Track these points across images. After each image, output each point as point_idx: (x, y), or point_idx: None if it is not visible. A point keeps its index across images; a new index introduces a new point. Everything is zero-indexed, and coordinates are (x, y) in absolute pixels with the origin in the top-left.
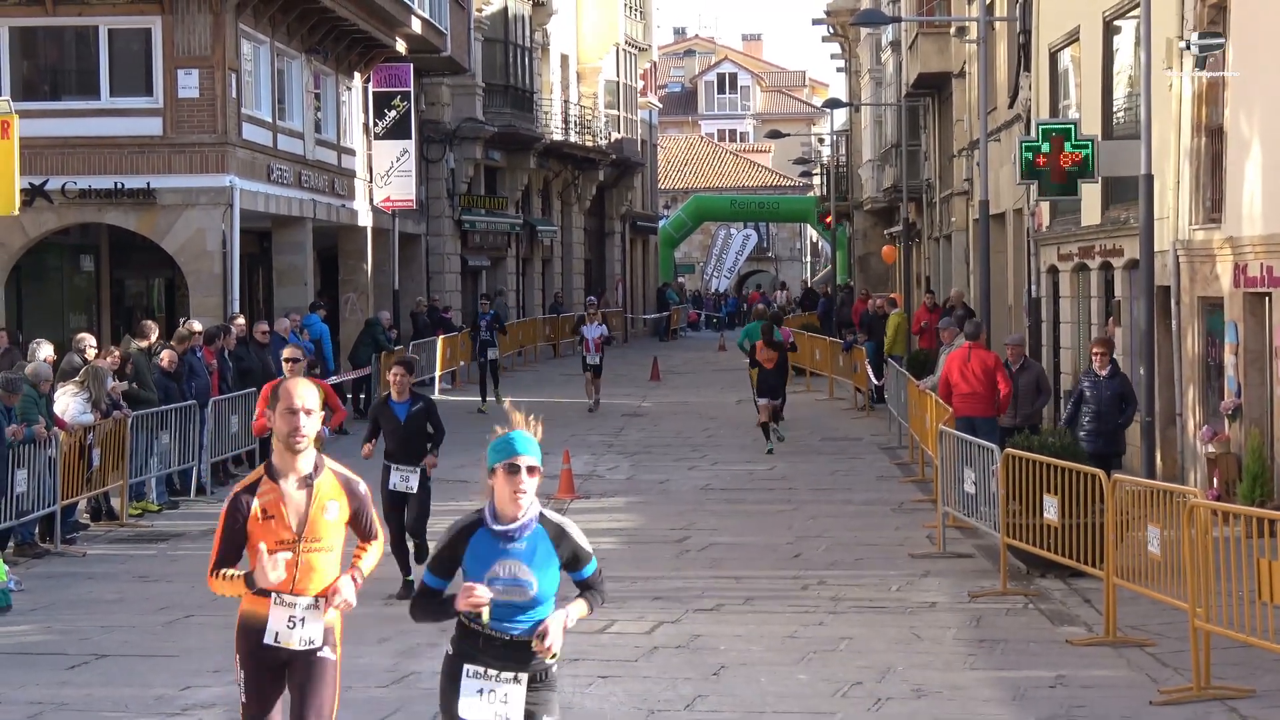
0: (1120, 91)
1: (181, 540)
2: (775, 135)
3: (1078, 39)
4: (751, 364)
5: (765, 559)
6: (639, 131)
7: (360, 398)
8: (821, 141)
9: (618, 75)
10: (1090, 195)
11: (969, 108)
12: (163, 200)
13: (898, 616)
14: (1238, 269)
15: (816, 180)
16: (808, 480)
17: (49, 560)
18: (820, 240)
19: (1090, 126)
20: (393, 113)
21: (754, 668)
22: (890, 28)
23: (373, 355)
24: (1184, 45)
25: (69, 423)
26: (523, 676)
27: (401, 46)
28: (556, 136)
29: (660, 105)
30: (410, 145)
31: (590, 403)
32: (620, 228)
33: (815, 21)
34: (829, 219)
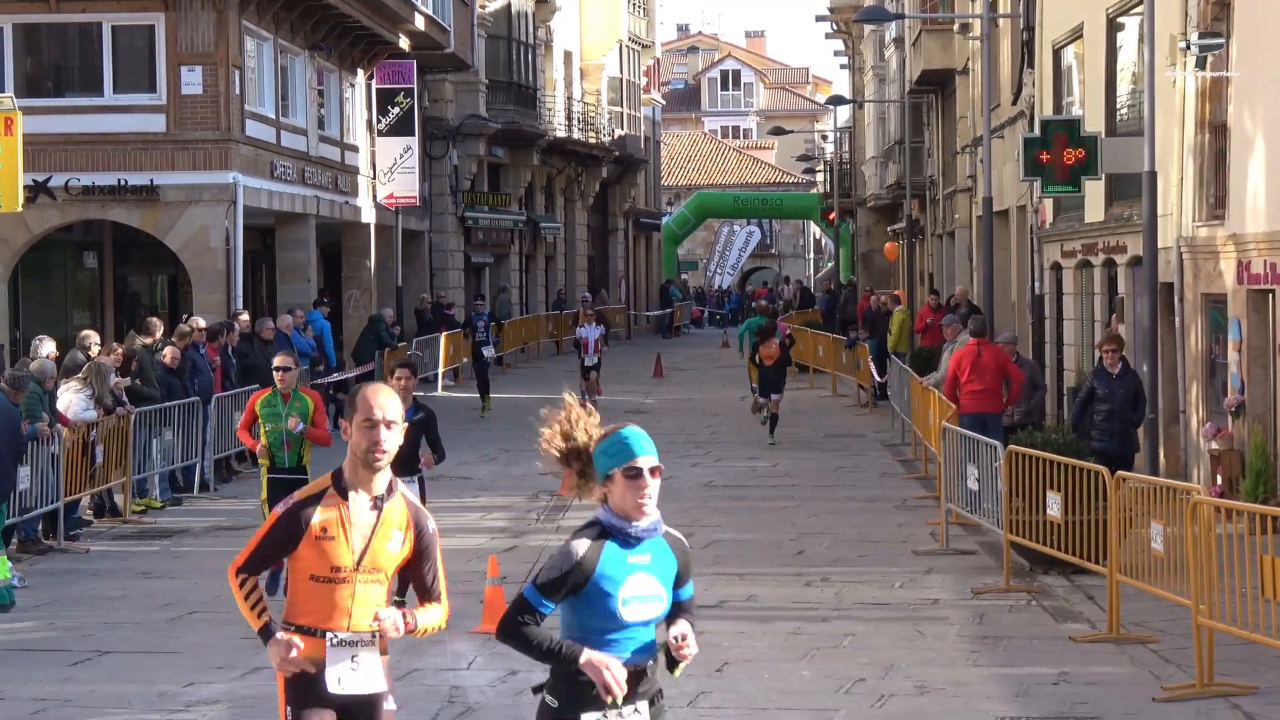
0: (1124, 88)
1: (184, 537)
2: (778, 132)
3: (1081, 35)
4: (752, 359)
5: (768, 556)
6: (642, 128)
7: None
8: (825, 138)
9: (621, 72)
10: (1093, 192)
11: (972, 104)
12: (166, 197)
13: (901, 613)
14: (1241, 266)
15: (820, 177)
16: (811, 477)
17: (52, 557)
18: (823, 237)
19: (1094, 123)
20: (396, 109)
21: (757, 664)
22: (893, 24)
23: (376, 352)
24: (1184, 45)
25: (72, 419)
26: (643, 705)
27: (405, 43)
28: (560, 133)
29: (663, 102)
30: (413, 142)
31: (587, 406)
32: (623, 224)
33: (819, 18)
34: (832, 216)
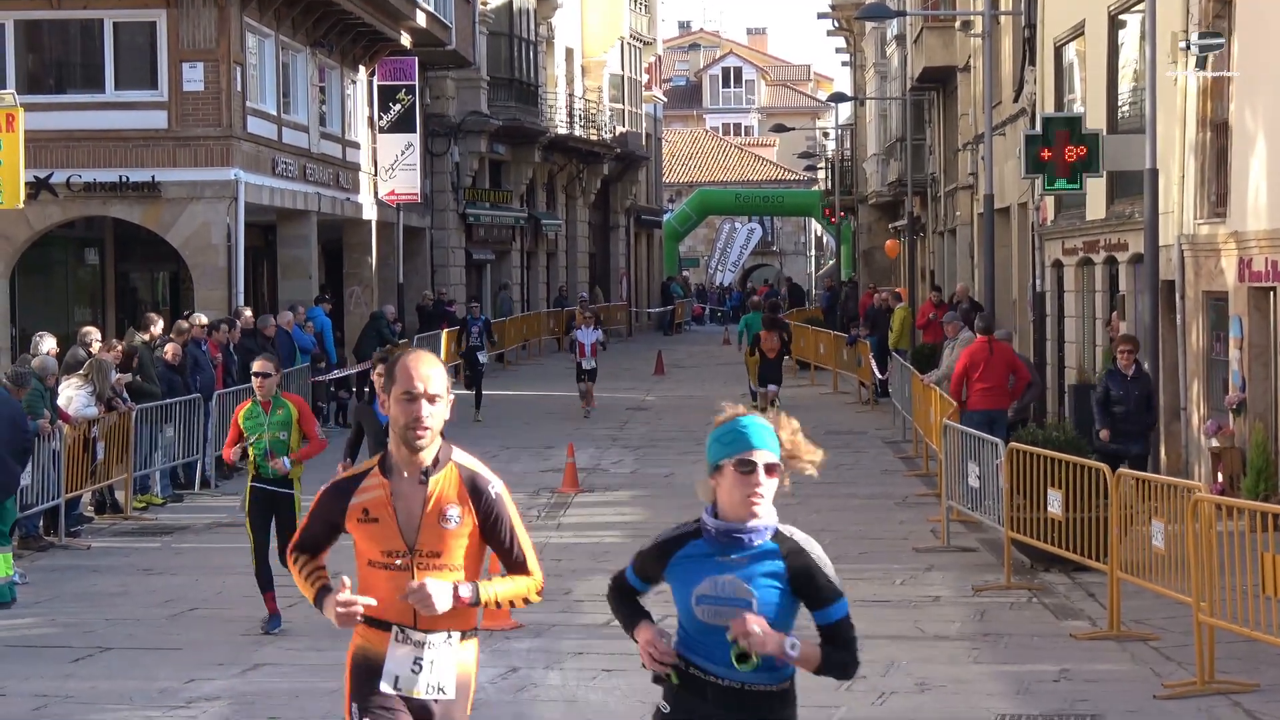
0: (1125, 85)
1: (186, 533)
2: (780, 129)
3: (1083, 33)
4: (752, 352)
5: None
6: (643, 125)
7: (364, 391)
8: (826, 135)
9: (622, 69)
10: (1095, 189)
11: (974, 101)
12: (167, 193)
13: (901, 610)
14: (1242, 263)
15: (821, 174)
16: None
17: (53, 553)
18: (824, 234)
19: (1095, 120)
20: (397, 106)
21: None
22: (895, 21)
23: (377, 348)
24: (1184, 45)
25: (73, 416)
26: None
27: (406, 40)
28: (561, 130)
29: (665, 99)
30: (415, 139)
31: (583, 411)
32: (625, 221)
33: (820, 15)
34: (833, 213)
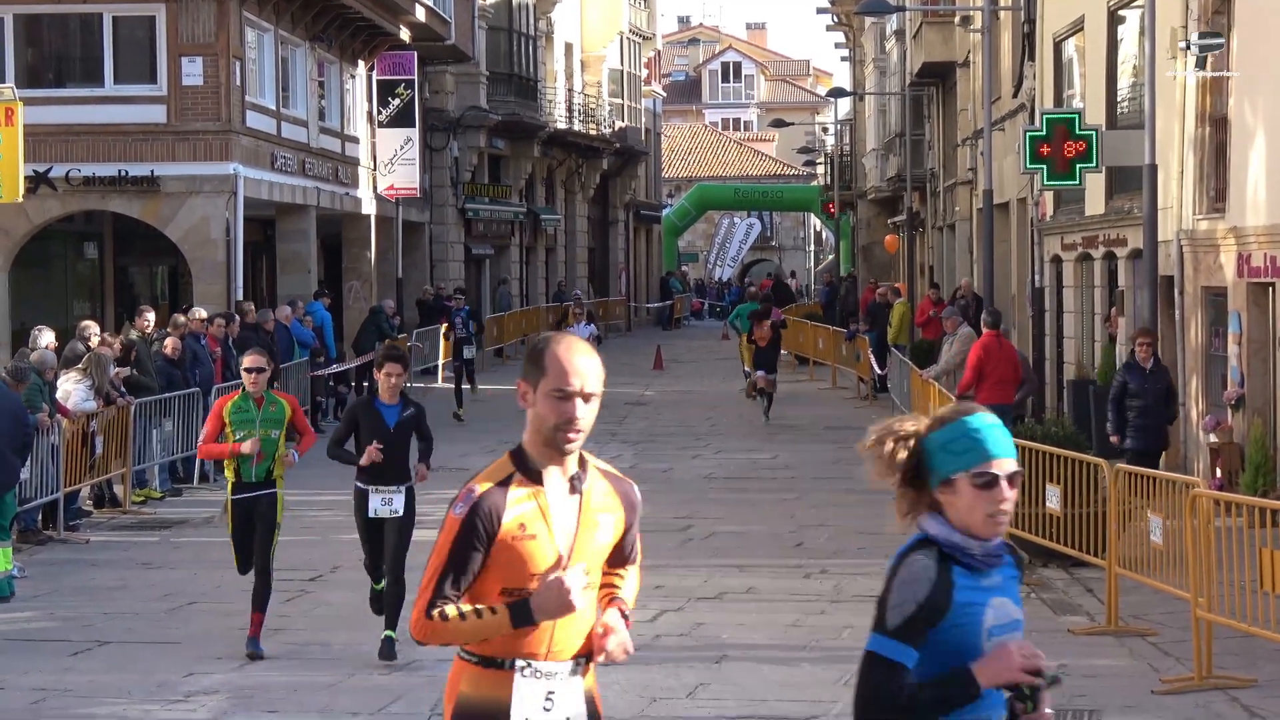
0: (1124, 81)
1: (184, 528)
2: (779, 124)
3: (1082, 28)
4: (749, 340)
5: (768, 548)
6: (643, 120)
7: (364, 386)
8: (825, 130)
9: (621, 64)
10: (1094, 185)
11: (973, 97)
12: (167, 188)
13: None
14: (1241, 259)
15: (820, 169)
16: (810, 469)
17: (52, 547)
18: (824, 229)
19: (1094, 116)
20: (396, 101)
21: (757, 656)
22: (894, 17)
23: (376, 343)
24: (1184, 45)
25: (72, 410)
26: None
27: (405, 34)
28: (560, 125)
29: (664, 94)
30: (414, 133)
31: None
32: (624, 216)
33: (819, 10)
34: (832, 208)
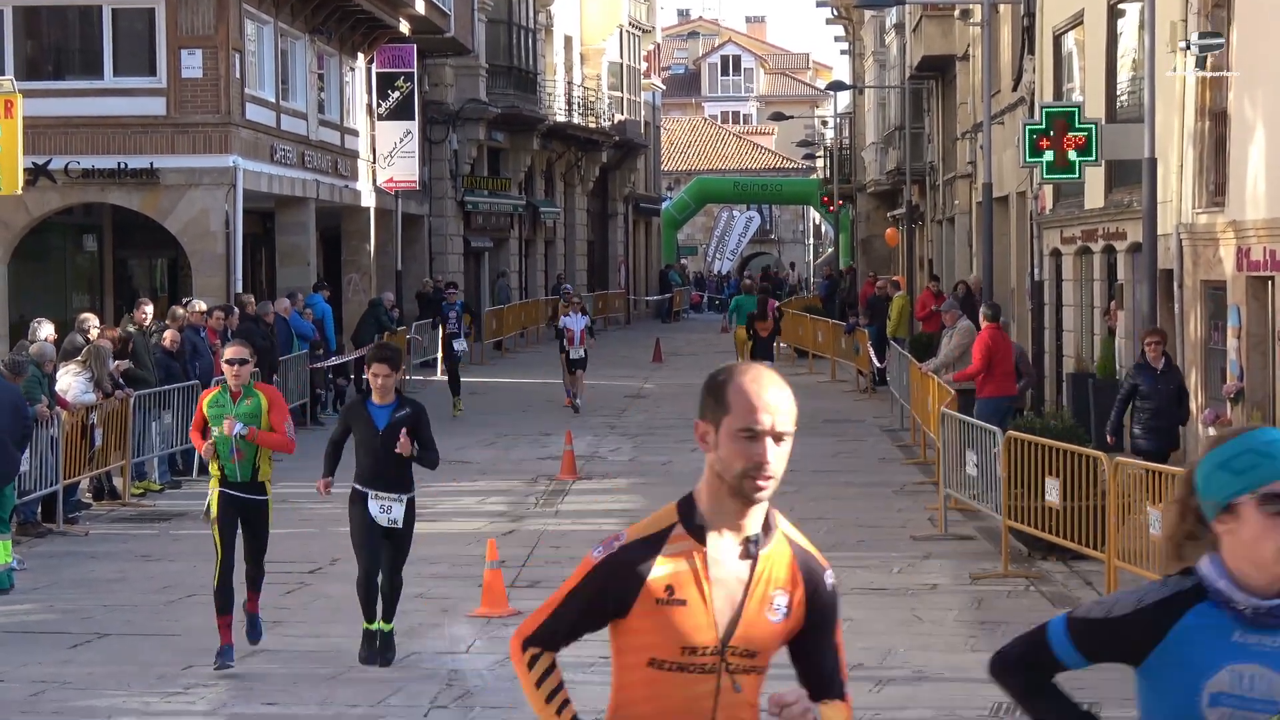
0: (1124, 75)
1: (183, 520)
2: (778, 117)
3: (1082, 22)
4: (747, 331)
5: None
6: (642, 113)
7: (363, 379)
8: (825, 124)
9: (621, 57)
10: (1093, 178)
11: (973, 90)
12: (166, 180)
13: (899, 598)
14: (1240, 252)
15: (819, 163)
16: (809, 462)
17: (51, 539)
18: (823, 223)
19: (1094, 110)
20: (396, 93)
21: None
22: (894, 10)
23: (375, 336)
24: (1184, 45)
25: (71, 402)
26: None
27: (405, 27)
28: (560, 118)
29: (663, 87)
30: (413, 126)
31: (577, 402)
32: (623, 209)
33: (819, 4)
34: (832, 201)
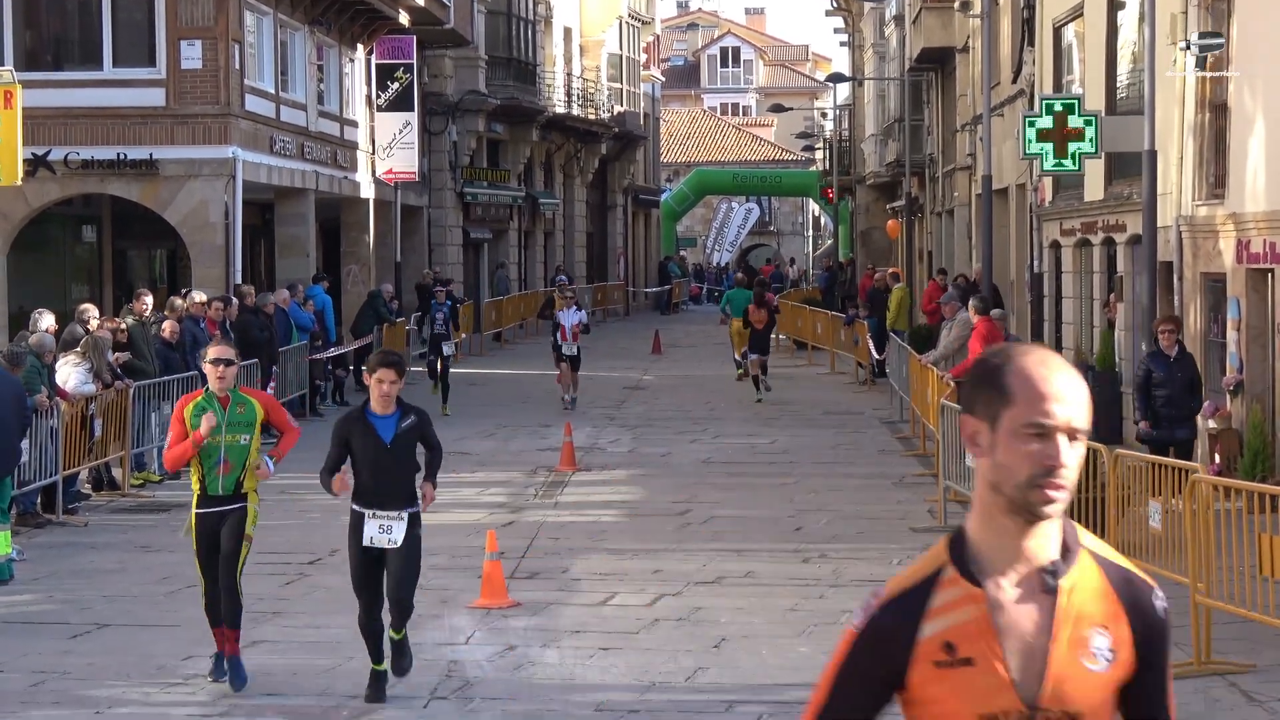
0: (1124, 67)
1: (183, 511)
2: (778, 109)
3: (1081, 14)
4: (744, 324)
5: (766, 532)
6: (641, 105)
7: (362, 369)
8: (824, 116)
9: (620, 48)
10: (1093, 171)
11: (972, 82)
12: (165, 171)
13: None
14: (1240, 245)
15: (819, 154)
16: (809, 454)
17: (51, 530)
18: (822, 214)
19: (1094, 102)
20: (395, 85)
21: (755, 640)
22: (894, 2)
23: (374, 326)
24: (1184, 45)
25: (71, 393)
26: None
27: (404, 18)
28: (559, 109)
29: (663, 79)
30: (413, 117)
31: (566, 399)
32: (622, 201)
33: None
34: (831, 193)
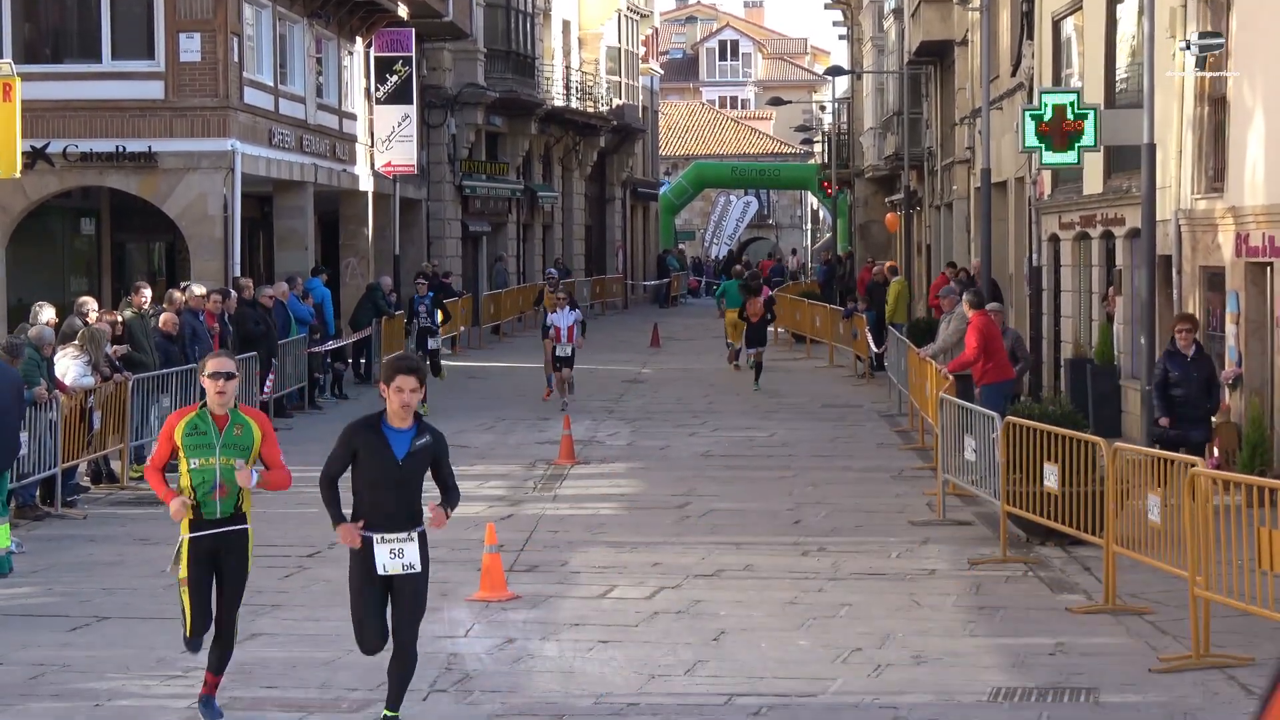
0: (1123, 60)
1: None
2: (777, 102)
3: (1081, 7)
4: (740, 315)
5: (765, 525)
6: (640, 98)
7: (361, 362)
8: (823, 109)
9: (619, 41)
10: (1092, 164)
11: (971, 76)
12: (164, 164)
13: (898, 583)
14: (1239, 238)
15: (818, 148)
16: (808, 447)
17: (50, 523)
18: (821, 208)
19: (1093, 95)
20: (394, 77)
21: (754, 633)
22: None
23: (373, 319)
24: (1184, 45)
25: (70, 386)
26: None
27: (403, 11)
28: (558, 102)
29: (661, 72)
30: (411, 110)
31: (561, 401)
32: (621, 194)
33: None
34: (830, 186)
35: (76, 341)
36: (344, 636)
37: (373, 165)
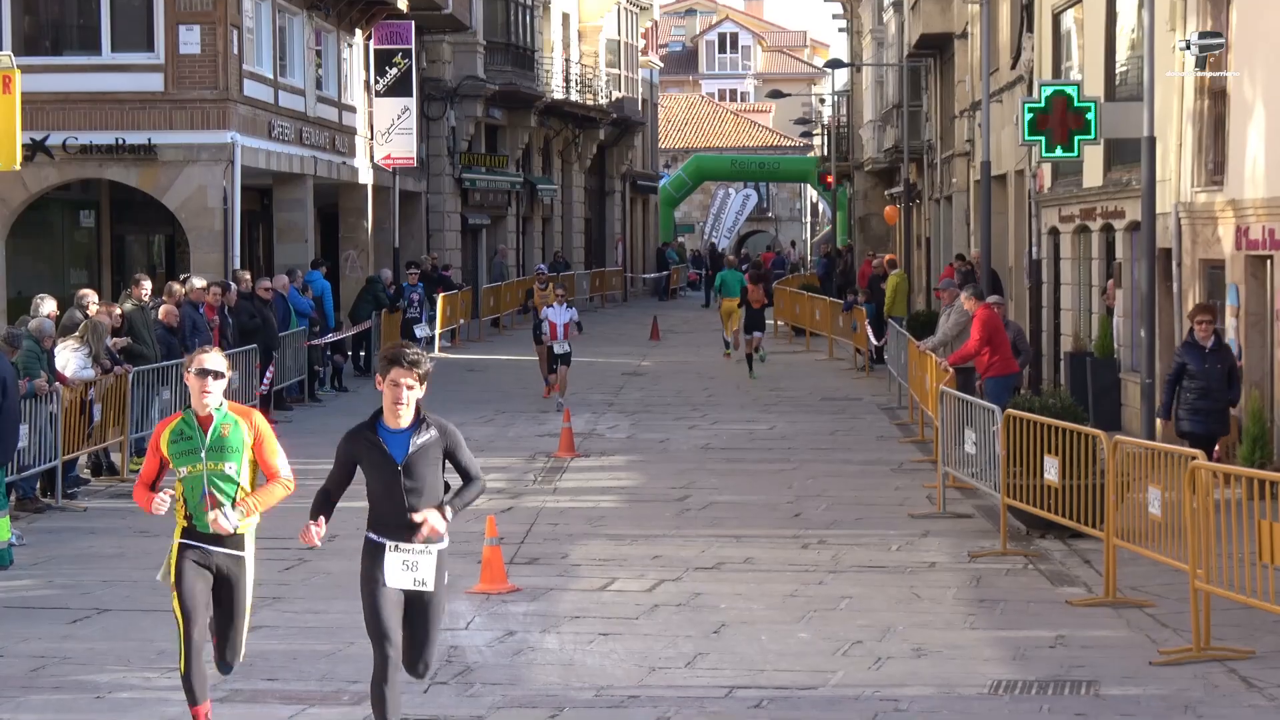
0: (1123, 53)
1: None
2: (776, 95)
3: (1081, 0)
4: (740, 303)
5: (765, 518)
6: (639, 91)
7: (360, 355)
8: (822, 102)
9: (619, 34)
10: (1092, 157)
11: (971, 69)
12: (164, 156)
13: (898, 576)
14: (1239, 231)
15: (817, 141)
16: (808, 440)
17: (50, 515)
18: (820, 201)
19: (1093, 88)
20: (394, 70)
21: (754, 626)
22: None
23: (373, 312)
24: (1184, 45)
25: (70, 378)
26: None
27: (403, 3)
28: (557, 95)
29: (661, 64)
30: (411, 103)
31: (556, 399)
32: (620, 187)
33: None
34: (829, 179)
35: (77, 334)
36: (345, 629)
37: (372, 158)
